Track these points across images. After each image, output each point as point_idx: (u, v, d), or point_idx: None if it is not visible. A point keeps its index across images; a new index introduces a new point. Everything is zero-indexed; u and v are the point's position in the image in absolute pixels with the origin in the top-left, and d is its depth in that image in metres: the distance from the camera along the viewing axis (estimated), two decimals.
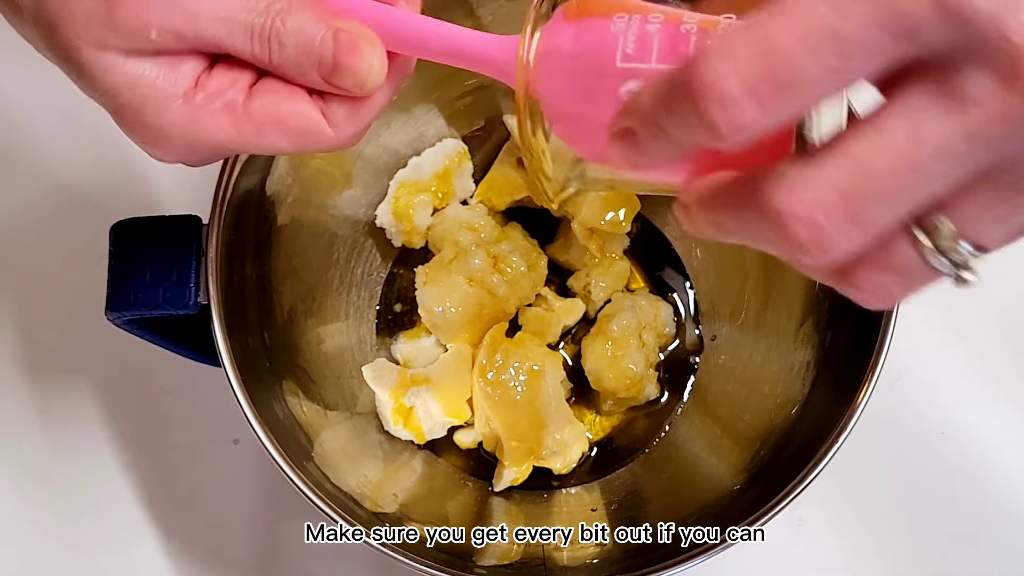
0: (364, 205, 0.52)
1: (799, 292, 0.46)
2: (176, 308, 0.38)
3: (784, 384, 0.46)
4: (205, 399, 0.54)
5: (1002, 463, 0.53)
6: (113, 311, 0.38)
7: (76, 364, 0.55)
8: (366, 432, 0.50)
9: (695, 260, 0.54)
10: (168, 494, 0.53)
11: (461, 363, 0.50)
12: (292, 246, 0.47)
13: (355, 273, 0.53)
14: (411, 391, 0.50)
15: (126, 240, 0.38)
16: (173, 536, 0.53)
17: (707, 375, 0.52)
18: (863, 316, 0.41)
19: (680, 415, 0.52)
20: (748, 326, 0.50)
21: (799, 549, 0.52)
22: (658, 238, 0.55)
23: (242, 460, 0.53)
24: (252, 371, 0.40)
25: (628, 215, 0.52)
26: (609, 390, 0.50)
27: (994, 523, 0.53)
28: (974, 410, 0.54)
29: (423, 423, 0.49)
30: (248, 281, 0.43)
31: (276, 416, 0.41)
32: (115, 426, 0.54)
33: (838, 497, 0.52)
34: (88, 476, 0.53)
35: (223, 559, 0.52)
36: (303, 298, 0.48)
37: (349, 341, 0.52)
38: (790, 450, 0.42)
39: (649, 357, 0.51)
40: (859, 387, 0.38)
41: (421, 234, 0.53)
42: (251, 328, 0.42)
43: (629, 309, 0.51)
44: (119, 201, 0.55)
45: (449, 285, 0.50)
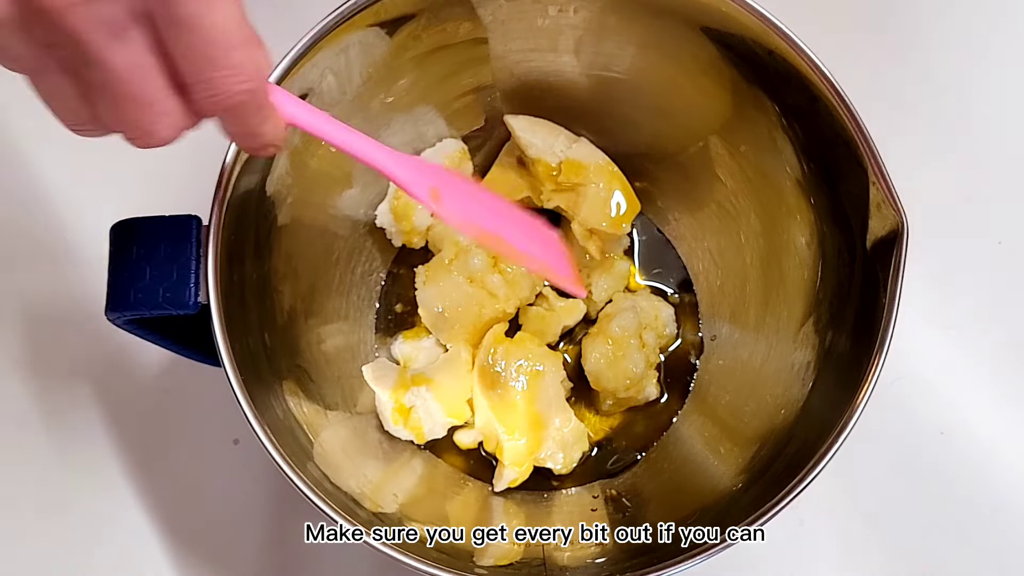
0: (364, 205, 0.52)
1: (799, 292, 0.47)
2: (176, 308, 0.38)
3: (784, 384, 0.46)
4: (205, 399, 0.54)
5: (1002, 463, 0.53)
6: (113, 311, 0.38)
7: (76, 364, 0.55)
8: (366, 432, 0.50)
9: (696, 261, 0.54)
10: (168, 494, 0.53)
11: (461, 363, 0.50)
12: (292, 246, 0.47)
13: (355, 273, 0.53)
14: (411, 391, 0.50)
15: (126, 240, 0.38)
16: (173, 536, 0.53)
17: (707, 375, 0.52)
18: (863, 316, 0.41)
19: (680, 415, 0.52)
20: (748, 327, 0.50)
21: (799, 549, 0.52)
22: (659, 239, 0.55)
23: (242, 460, 0.53)
24: (252, 371, 0.40)
25: (628, 215, 0.52)
26: (609, 390, 0.50)
27: (994, 523, 0.53)
28: (974, 410, 0.54)
29: (423, 423, 0.49)
30: (248, 281, 0.43)
31: (276, 416, 0.41)
32: (115, 426, 0.54)
33: (838, 497, 0.52)
34: (88, 476, 0.53)
35: (223, 559, 0.52)
36: (303, 298, 0.48)
37: (349, 341, 0.52)
38: (790, 450, 0.42)
39: (649, 357, 0.51)
40: (859, 387, 0.38)
41: (421, 234, 0.53)
42: (251, 328, 0.42)
43: (630, 309, 0.51)
44: (119, 201, 0.55)
45: (449, 285, 0.50)
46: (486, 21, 0.46)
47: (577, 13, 0.46)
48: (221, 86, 0.29)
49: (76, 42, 0.27)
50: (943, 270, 0.55)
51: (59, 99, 0.29)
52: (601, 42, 0.47)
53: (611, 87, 0.50)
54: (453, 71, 0.49)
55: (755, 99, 0.45)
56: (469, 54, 0.48)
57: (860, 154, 0.40)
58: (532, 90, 0.51)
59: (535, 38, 0.48)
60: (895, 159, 0.40)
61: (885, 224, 0.39)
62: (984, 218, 0.57)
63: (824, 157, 0.43)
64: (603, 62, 0.49)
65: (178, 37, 0.28)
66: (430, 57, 0.47)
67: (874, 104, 0.42)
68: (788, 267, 0.47)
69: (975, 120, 0.58)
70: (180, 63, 0.29)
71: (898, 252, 0.38)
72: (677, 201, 0.54)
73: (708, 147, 0.49)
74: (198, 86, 0.29)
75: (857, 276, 0.42)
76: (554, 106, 0.52)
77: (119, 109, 0.29)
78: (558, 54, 0.48)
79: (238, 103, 0.30)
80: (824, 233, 0.44)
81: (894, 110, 0.57)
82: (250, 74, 0.30)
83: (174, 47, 0.28)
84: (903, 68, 0.59)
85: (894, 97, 0.58)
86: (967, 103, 0.59)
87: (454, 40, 0.46)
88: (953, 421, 0.54)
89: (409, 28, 0.44)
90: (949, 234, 0.56)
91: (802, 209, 0.45)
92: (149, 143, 0.30)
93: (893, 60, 0.59)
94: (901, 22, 0.60)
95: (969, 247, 0.56)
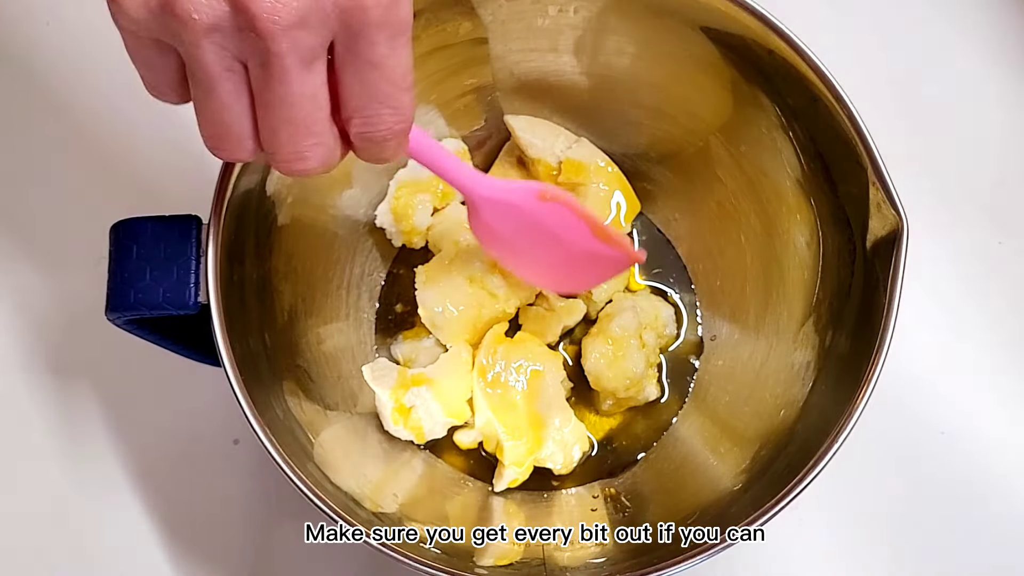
0: (364, 205, 0.52)
1: (799, 292, 0.47)
2: (176, 308, 0.38)
3: (784, 384, 0.46)
4: (205, 399, 0.54)
5: (1002, 463, 0.53)
6: (113, 311, 0.38)
7: (76, 364, 0.55)
8: (366, 432, 0.50)
9: (696, 261, 0.54)
10: (168, 494, 0.53)
11: (461, 363, 0.50)
12: (292, 246, 0.47)
13: (355, 273, 0.53)
14: (411, 391, 0.50)
15: (126, 240, 0.38)
16: (173, 536, 0.53)
17: (707, 375, 0.52)
18: (863, 316, 0.41)
19: (680, 415, 0.52)
20: (748, 326, 0.50)
21: (799, 549, 0.52)
22: (659, 239, 0.55)
23: (242, 460, 0.53)
24: (252, 371, 0.40)
25: (628, 216, 0.52)
26: (609, 390, 0.50)
27: (994, 523, 0.53)
28: (974, 410, 0.54)
29: (423, 423, 0.49)
30: (248, 281, 0.43)
31: (276, 416, 0.41)
32: (115, 426, 0.54)
33: (838, 497, 0.52)
34: (88, 476, 0.53)
35: (223, 559, 0.52)
36: (303, 298, 0.48)
37: (349, 341, 0.52)
38: (790, 450, 0.42)
39: (649, 357, 0.51)
40: (859, 387, 0.38)
41: (421, 234, 0.53)
42: (251, 328, 0.42)
43: (630, 309, 0.51)
44: (119, 201, 0.55)
45: (449, 285, 0.50)
46: (486, 21, 0.46)
47: (577, 13, 0.46)
48: (381, 123, 0.31)
49: (271, 62, 0.28)
50: (943, 270, 0.55)
51: (223, 110, 0.30)
52: (601, 42, 0.47)
53: (611, 87, 0.50)
54: (453, 71, 0.49)
55: (755, 99, 0.45)
56: (469, 54, 0.48)
57: (860, 154, 0.40)
58: (532, 90, 0.51)
59: (535, 38, 0.48)
60: (895, 159, 0.40)
61: (885, 224, 0.39)
62: (984, 218, 0.57)
63: (824, 157, 0.43)
64: (603, 62, 0.49)
65: (363, 73, 0.30)
66: (430, 57, 0.47)
67: (874, 104, 0.42)
68: (788, 267, 0.47)
69: (976, 120, 0.58)
70: (351, 97, 0.31)
71: (898, 252, 0.38)
72: (677, 201, 0.54)
73: (708, 147, 0.49)
74: (359, 120, 0.31)
75: (857, 276, 0.42)
76: (554, 106, 0.52)
77: (283, 131, 0.30)
78: (558, 54, 0.48)
79: (388, 138, 0.32)
80: (824, 233, 0.44)
81: (894, 110, 0.57)
82: (406, 115, 0.32)
83: (351, 82, 0.30)
84: (904, 68, 0.59)
85: (894, 97, 0.58)
86: (968, 103, 0.59)
87: (454, 40, 0.46)
88: (953, 421, 0.54)
89: None
90: (949, 234, 0.56)
91: (802, 209, 0.45)
92: (294, 169, 0.31)
93: (893, 60, 0.59)
94: (902, 22, 0.60)
95: (969, 247, 0.56)
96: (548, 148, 0.52)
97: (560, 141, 0.52)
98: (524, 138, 0.52)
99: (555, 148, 0.52)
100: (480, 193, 0.43)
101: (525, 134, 0.52)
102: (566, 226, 0.46)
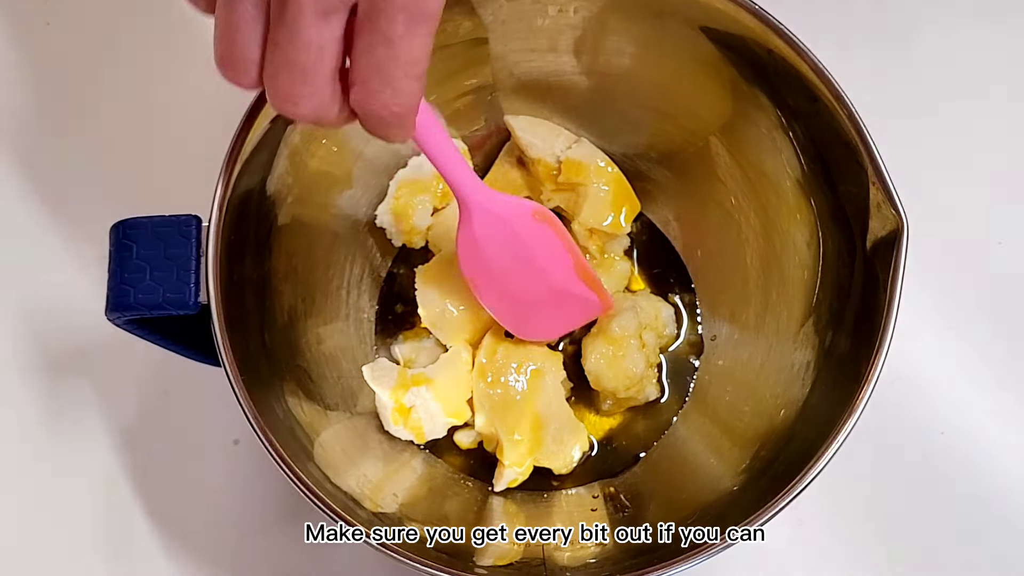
0: (364, 205, 0.52)
1: (799, 293, 0.47)
2: (176, 308, 0.38)
3: (784, 384, 0.46)
4: (205, 399, 0.54)
5: (1002, 463, 0.53)
6: (113, 311, 0.38)
7: (76, 364, 0.55)
8: (366, 432, 0.50)
9: (696, 261, 0.54)
10: (168, 494, 0.53)
11: (461, 363, 0.50)
12: (292, 246, 0.47)
13: (355, 273, 0.53)
14: (411, 391, 0.50)
15: (126, 240, 0.38)
16: (173, 536, 0.53)
17: (707, 375, 0.52)
18: (863, 316, 0.41)
19: (680, 415, 0.52)
20: (748, 327, 0.50)
21: (799, 549, 0.52)
22: (659, 239, 0.55)
23: (242, 460, 0.53)
24: (252, 371, 0.40)
25: (628, 216, 0.52)
26: (609, 390, 0.50)
27: (994, 523, 0.53)
28: (974, 410, 0.54)
29: (423, 423, 0.49)
30: (248, 281, 0.43)
31: (276, 416, 0.41)
32: (115, 426, 0.54)
33: (838, 497, 0.52)
34: (88, 476, 0.53)
35: (223, 559, 0.52)
36: (303, 298, 0.48)
37: (349, 341, 0.52)
38: (790, 450, 0.42)
39: (649, 357, 0.51)
40: (859, 387, 0.38)
41: (421, 234, 0.53)
42: (251, 328, 0.42)
43: (630, 310, 0.51)
44: (119, 201, 0.55)
45: (449, 285, 0.50)
46: (486, 21, 0.46)
47: (577, 13, 0.46)
48: (376, 100, 0.31)
49: (290, 2, 0.29)
50: (943, 271, 0.55)
51: (236, 31, 0.30)
52: (601, 42, 0.47)
53: (611, 87, 0.50)
54: (453, 71, 0.49)
55: (755, 99, 0.45)
56: (469, 54, 0.48)
57: (860, 154, 0.40)
58: (532, 90, 0.51)
59: (535, 38, 0.48)
60: (895, 159, 0.40)
61: (885, 224, 0.39)
62: (984, 218, 0.57)
63: (824, 157, 0.43)
64: (603, 62, 0.49)
65: (374, 46, 0.30)
66: (430, 57, 0.47)
67: (874, 104, 0.42)
68: (788, 267, 0.47)
69: (975, 120, 0.58)
70: (356, 65, 0.30)
71: (898, 252, 0.38)
72: (677, 201, 0.54)
73: (708, 147, 0.49)
74: (358, 89, 0.31)
75: (857, 276, 0.42)
76: (554, 106, 0.52)
77: (283, 72, 0.30)
78: (558, 54, 0.48)
79: (382, 118, 0.32)
80: (824, 233, 0.44)
81: (894, 110, 0.57)
82: (406, 101, 0.31)
83: (361, 51, 0.30)
84: (903, 68, 0.59)
85: (894, 97, 0.58)
86: (968, 103, 0.59)
87: (454, 40, 0.46)
88: (953, 421, 0.54)
89: None
90: (949, 234, 0.56)
91: (802, 209, 0.45)
92: (284, 108, 0.31)
93: (893, 60, 0.59)
94: (901, 22, 0.60)
95: (969, 247, 0.56)
96: (548, 148, 0.52)
97: (560, 141, 0.52)
98: (524, 138, 0.52)
99: (555, 148, 0.52)
100: (477, 200, 0.43)
101: (525, 134, 0.52)
102: (551, 255, 0.46)
